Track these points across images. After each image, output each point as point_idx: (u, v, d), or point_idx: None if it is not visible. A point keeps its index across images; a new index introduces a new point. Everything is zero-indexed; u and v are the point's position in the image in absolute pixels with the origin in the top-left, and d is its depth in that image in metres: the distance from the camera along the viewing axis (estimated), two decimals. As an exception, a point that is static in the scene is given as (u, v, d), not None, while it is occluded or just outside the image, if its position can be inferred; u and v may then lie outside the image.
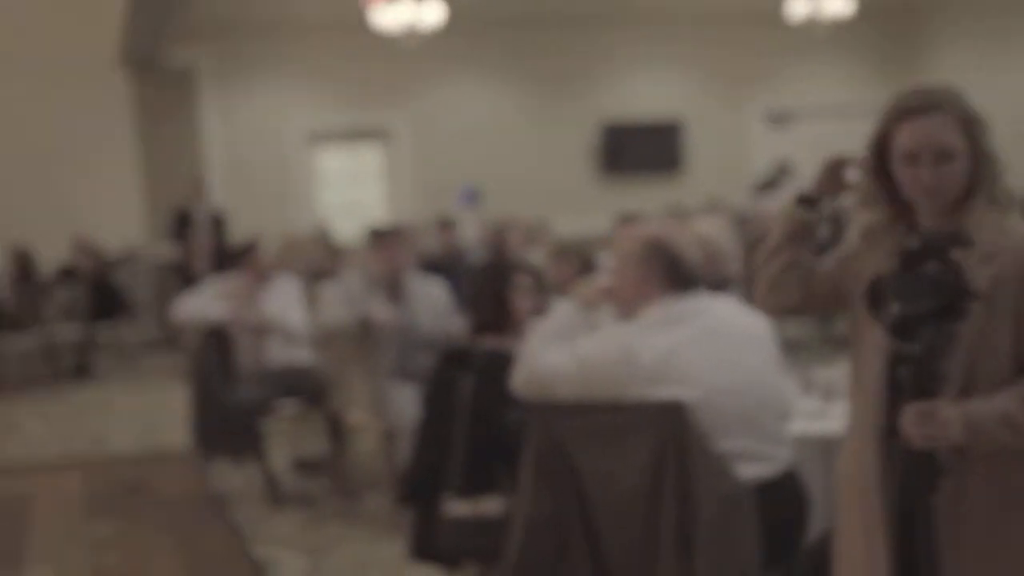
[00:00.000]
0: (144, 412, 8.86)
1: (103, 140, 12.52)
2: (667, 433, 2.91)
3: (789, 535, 3.15)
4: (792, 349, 4.02)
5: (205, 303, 6.47)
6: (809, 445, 3.38)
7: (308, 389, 6.14)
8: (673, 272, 3.16)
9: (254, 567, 5.03)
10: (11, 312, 10.62)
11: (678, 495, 2.88)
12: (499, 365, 3.60)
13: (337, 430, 6.13)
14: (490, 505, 3.59)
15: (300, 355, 6.28)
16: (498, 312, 3.96)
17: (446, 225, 8.85)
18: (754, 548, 2.94)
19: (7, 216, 11.83)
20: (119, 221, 12.47)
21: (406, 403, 5.40)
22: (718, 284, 4.18)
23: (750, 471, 3.05)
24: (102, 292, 11.11)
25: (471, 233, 10.21)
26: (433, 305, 5.79)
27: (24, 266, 11.19)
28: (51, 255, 11.48)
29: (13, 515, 5.97)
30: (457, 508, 3.65)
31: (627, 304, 3.20)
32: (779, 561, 3.10)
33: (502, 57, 13.73)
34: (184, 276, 10.73)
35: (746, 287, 4.69)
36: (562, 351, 3.20)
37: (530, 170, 13.68)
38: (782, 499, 3.12)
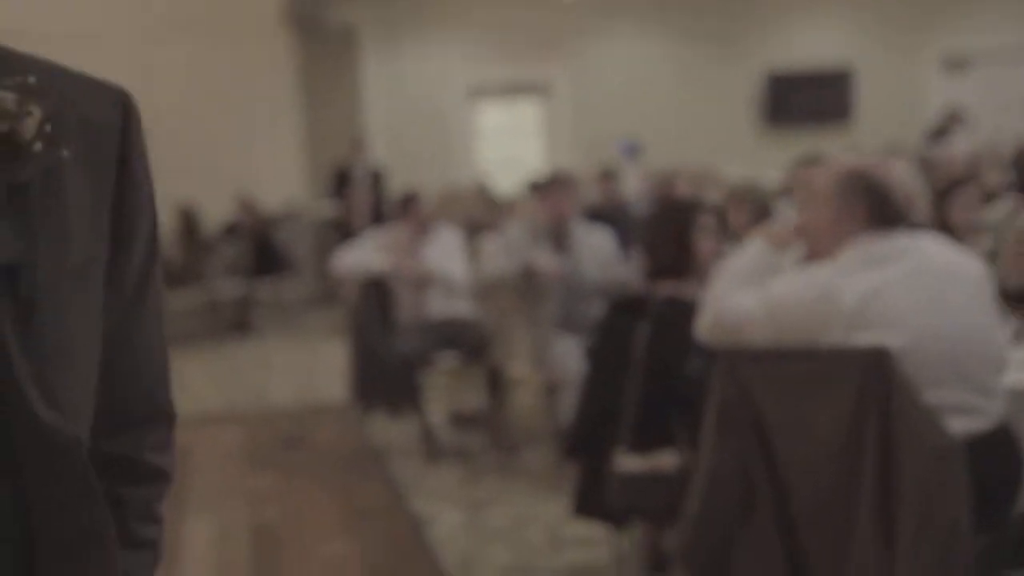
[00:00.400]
0: (303, 367, 8.86)
1: (266, 99, 12.58)
2: (869, 382, 2.60)
3: (1002, 495, 2.82)
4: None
5: (365, 255, 6.34)
6: (1021, 398, 3.03)
7: (468, 342, 5.97)
8: (877, 208, 2.82)
9: (412, 521, 4.89)
10: (176, 269, 10.75)
11: (880, 449, 2.58)
12: (678, 312, 3.34)
13: (497, 383, 5.95)
14: (665, 460, 3.34)
15: (461, 307, 6.11)
16: (679, 255, 3.65)
17: (607, 176, 8.57)
18: (964, 508, 2.62)
19: (173, 175, 11.88)
20: (280, 179, 12.54)
21: (569, 355, 5.19)
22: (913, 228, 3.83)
23: (959, 425, 2.73)
24: (263, 249, 11.17)
25: (632, 185, 9.92)
26: (598, 255, 5.55)
27: (189, 224, 11.32)
28: (215, 213, 11.59)
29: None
30: (629, 463, 3.41)
31: (822, 244, 2.88)
32: (990, 522, 2.78)
33: (662, 8, 13.36)
34: (344, 233, 10.71)
35: (936, 232, 4.33)
36: (752, 293, 2.90)
37: (691, 123, 13.32)
38: (994, 456, 2.79)
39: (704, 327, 3.02)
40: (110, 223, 1.06)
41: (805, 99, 13.47)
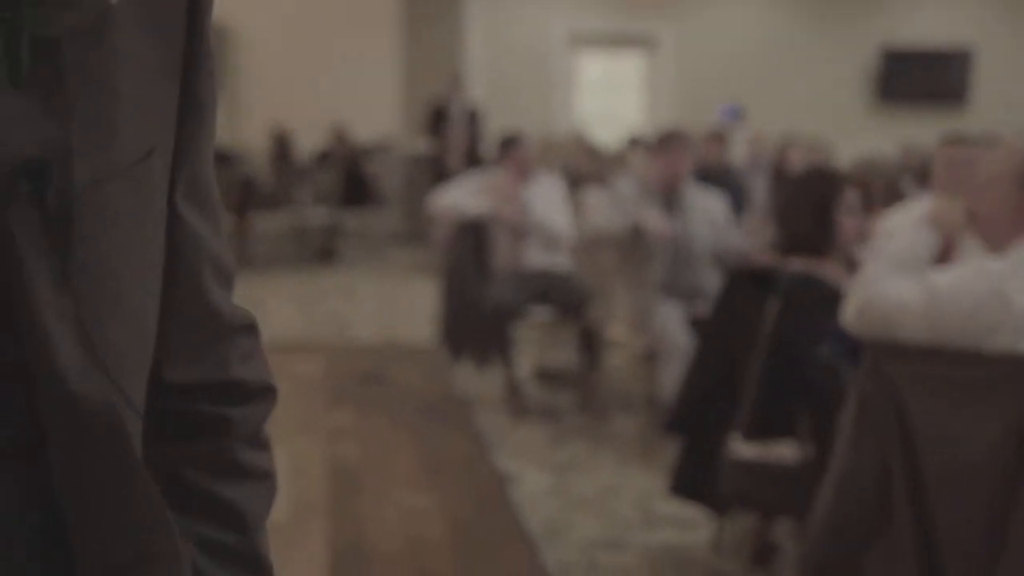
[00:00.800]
0: (386, 302, 8.74)
1: (368, 31, 12.45)
2: (1039, 397, 2.36)
3: None
4: None
5: (465, 196, 6.14)
6: None
7: (564, 297, 5.76)
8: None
9: (496, 478, 4.73)
10: (268, 192, 10.68)
11: (1043, 475, 2.34)
12: (812, 291, 3.11)
13: (592, 343, 5.75)
14: (784, 450, 3.12)
15: (559, 260, 5.91)
16: (818, 230, 3.39)
17: (716, 138, 8.30)
18: None
19: (272, 99, 11.92)
20: (376, 111, 12.43)
21: (672, 322, 4.99)
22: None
23: None
24: (353, 179, 11.07)
25: (739, 151, 9.64)
26: (710, 218, 5.32)
27: (283, 147, 11.25)
28: (310, 140, 11.52)
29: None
30: (744, 450, 3.19)
31: (997, 233, 2.61)
32: None
33: (780, -29, 12.99)
34: (437, 171, 10.58)
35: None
36: (910, 281, 2.65)
37: (798, 93, 12.97)
38: None
39: (851, 313, 2.77)
40: (179, 102, 0.77)
41: (920, 78, 13.04)
